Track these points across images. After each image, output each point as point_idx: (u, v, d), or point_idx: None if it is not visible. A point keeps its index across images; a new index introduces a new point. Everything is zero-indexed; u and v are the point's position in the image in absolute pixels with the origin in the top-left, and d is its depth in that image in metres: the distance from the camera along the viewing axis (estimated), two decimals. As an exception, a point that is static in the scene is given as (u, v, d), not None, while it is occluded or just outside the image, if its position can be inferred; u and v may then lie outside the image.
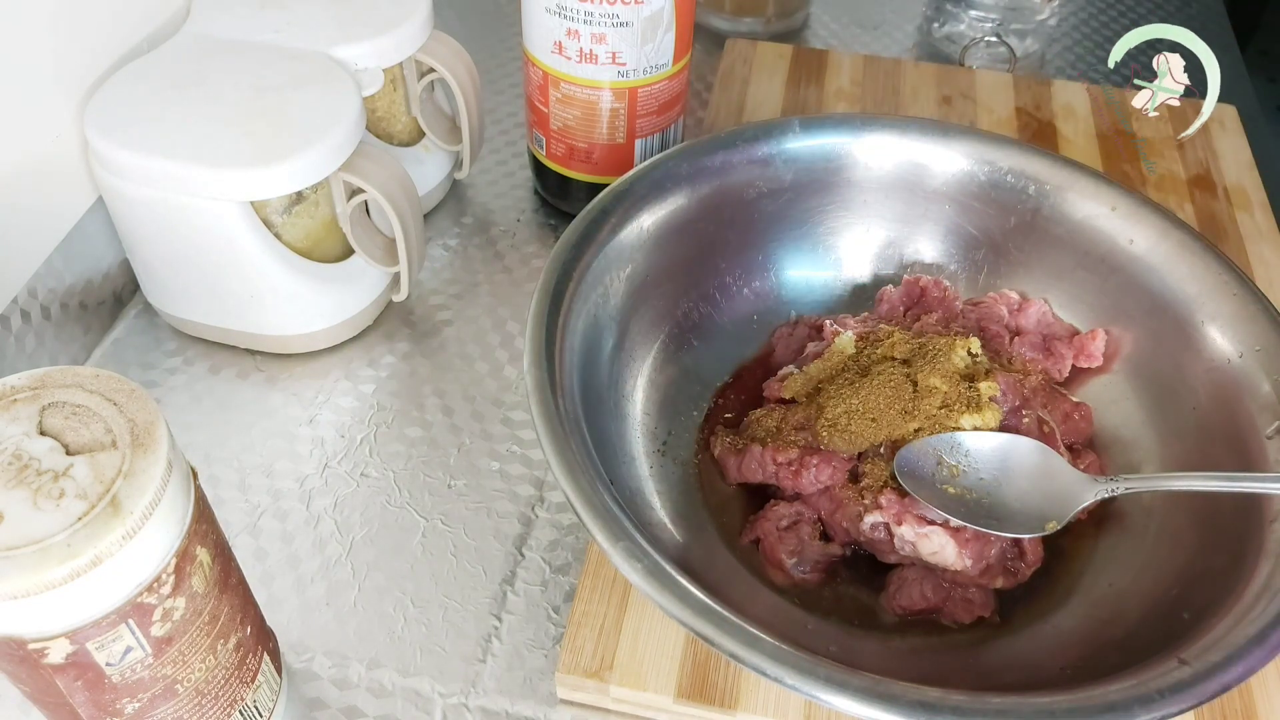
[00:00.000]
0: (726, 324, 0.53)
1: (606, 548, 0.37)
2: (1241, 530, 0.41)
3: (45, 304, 0.51)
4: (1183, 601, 0.41)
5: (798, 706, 0.41)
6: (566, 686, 0.42)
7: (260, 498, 0.49)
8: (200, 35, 0.53)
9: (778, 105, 0.70)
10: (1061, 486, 0.44)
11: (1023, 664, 0.42)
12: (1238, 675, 0.35)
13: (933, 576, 0.44)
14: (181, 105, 0.49)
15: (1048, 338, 0.51)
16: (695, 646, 0.42)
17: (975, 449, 0.44)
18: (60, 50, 0.50)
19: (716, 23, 0.80)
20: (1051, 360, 0.50)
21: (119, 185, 0.49)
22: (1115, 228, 0.50)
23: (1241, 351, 0.46)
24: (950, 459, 0.44)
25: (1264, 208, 0.64)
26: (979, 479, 0.44)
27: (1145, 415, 0.49)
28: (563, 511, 0.49)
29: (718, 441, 0.49)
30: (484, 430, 0.53)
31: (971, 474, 0.44)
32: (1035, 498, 0.44)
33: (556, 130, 0.59)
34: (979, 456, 0.44)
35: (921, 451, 0.44)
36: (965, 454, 0.44)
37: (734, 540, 0.46)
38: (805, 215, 0.54)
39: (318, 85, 0.50)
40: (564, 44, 0.54)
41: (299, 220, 0.52)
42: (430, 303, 0.59)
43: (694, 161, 0.51)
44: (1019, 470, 0.44)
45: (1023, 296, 0.53)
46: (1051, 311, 0.52)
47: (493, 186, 0.66)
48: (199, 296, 0.53)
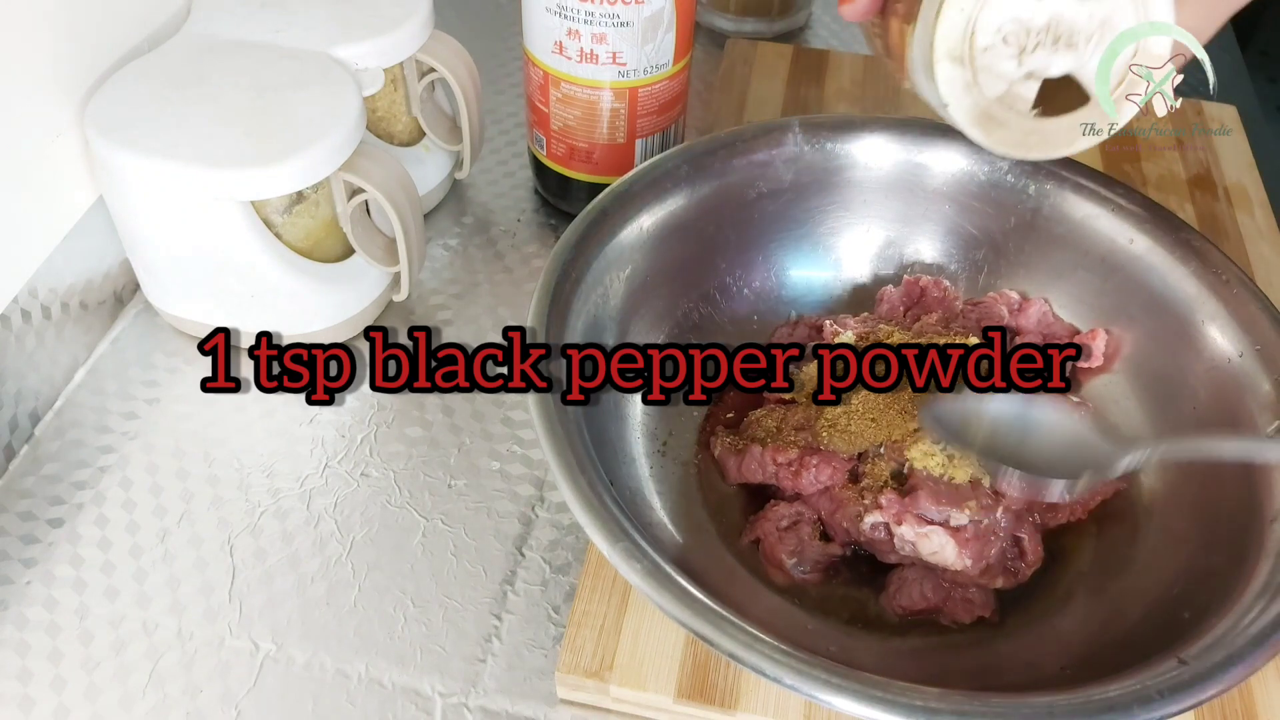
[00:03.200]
0: (726, 324, 0.53)
1: (605, 548, 0.37)
2: (1241, 530, 0.41)
3: (45, 303, 0.51)
4: (1183, 601, 0.41)
5: (798, 706, 0.41)
6: (566, 686, 0.42)
7: (260, 497, 0.49)
8: (200, 35, 0.53)
9: (778, 105, 0.70)
10: (1091, 454, 0.44)
11: (1023, 664, 0.42)
12: (1238, 675, 0.35)
13: (933, 576, 0.44)
14: (181, 105, 0.49)
15: (1048, 337, 0.51)
16: (695, 646, 0.42)
17: (1002, 412, 0.45)
18: (60, 50, 0.50)
19: (720, 23, 0.80)
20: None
21: (119, 185, 0.49)
22: (1115, 228, 0.50)
23: (1241, 351, 0.46)
24: (978, 424, 0.44)
25: (1264, 208, 0.64)
26: (1006, 441, 0.44)
27: (1145, 415, 0.49)
28: (563, 511, 0.49)
29: (718, 442, 0.49)
30: (484, 430, 0.53)
31: (999, 436, 0.44)
32: (1064, 462, 0.44)
33: (557, 130, 0.59)
34: (1007, 420, 0.44)
35: (951, 410, 0.44)
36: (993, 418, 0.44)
37: (734, 540, 0.46)
38: (805, 215, 0.54)
39: (318, 85, 0.50)
40: (564, 44, 0.54)
41: (299, 220, 0.52)
42: (431, 302, 0.59)
43: (694, 161, 0.51)
44: (1048, 436, 0.44)
45: (1023, 296, 0.53)
46: (1051, 311, 0.52)
47: (493, 186, 0.66)
48: (200, 296, 0.53)
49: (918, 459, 0.44)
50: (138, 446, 0.51)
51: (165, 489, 0.49)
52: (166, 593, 0.45)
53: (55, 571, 0.46)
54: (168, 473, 0.50)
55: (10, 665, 0.43)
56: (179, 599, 0.45)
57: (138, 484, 0.49)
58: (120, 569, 0.46)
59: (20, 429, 0.50)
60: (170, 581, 0.46)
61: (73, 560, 0.46)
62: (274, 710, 0.42)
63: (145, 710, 0.42)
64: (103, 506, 0.48)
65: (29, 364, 0.51)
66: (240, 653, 0.44)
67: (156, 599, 0.45)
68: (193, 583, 0.46)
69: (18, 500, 0.48)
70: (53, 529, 0.47)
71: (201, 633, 0.44)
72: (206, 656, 0.44)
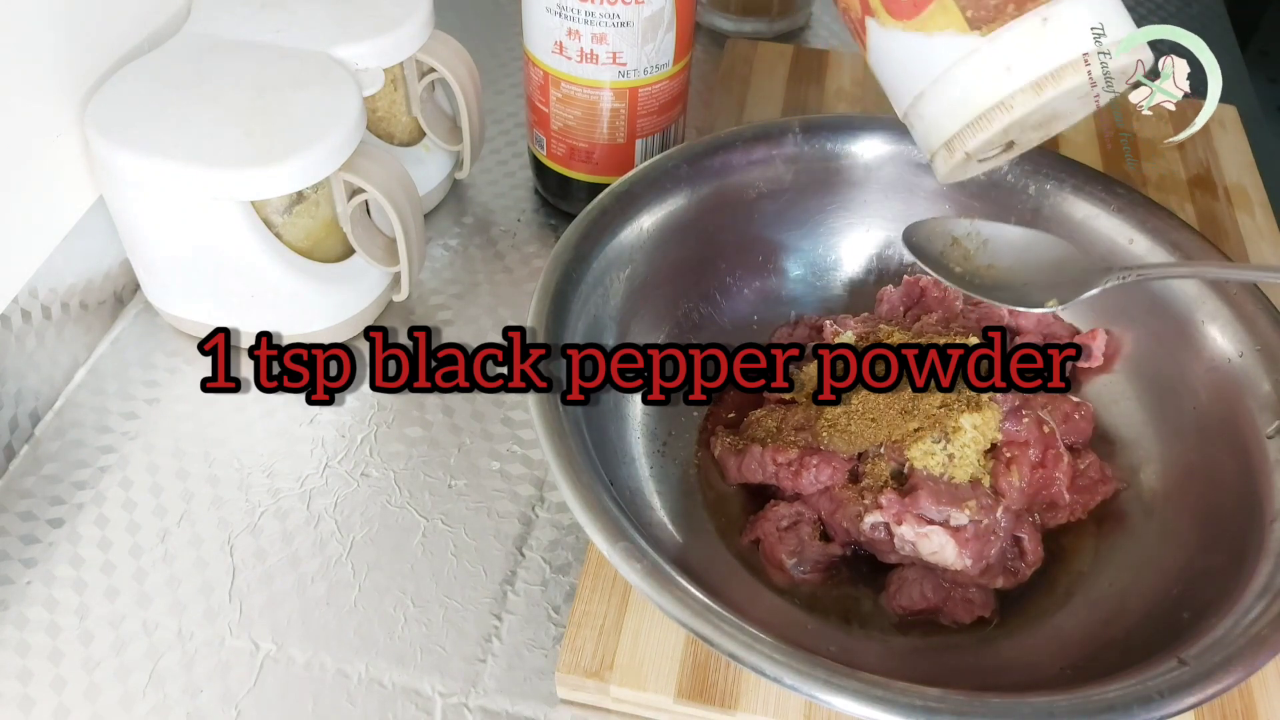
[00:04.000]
0: (726, 324, 0.53)
1: (605, 548, 0.37)
2: (1242, 530, 0.41)
3: (46, 303, 0.51)
4: (1183, 601, 0.41)
5: (798, 706, 0.41)
6: (566, 686, 0.42)
7: (261, 497, 0.49)
8: (200, 35, 0.53)
9: (778, 105, 0.70)
10: (1072, 275, 0.44)
11: (1023, 664, 0.42)
12: (1238, 675, 0.35)
13: (933, 576, 0.44)
14: (181, 105, 0.49)
15: (1048, 337, 0.51)
16: (695, 646, 0.42)
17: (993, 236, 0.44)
18: (60, 50, 0.50)
19: (720, 23, 0.80)
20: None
21: (119, 185, 0.49)
22: (1115, 228, 0.50)
23: (1241, 351, 0.46)
24: (967, 243, 0.44)
25: (1264, 208, 0.64)
26: (989, 264, 0.44)
27: (1145, 415, 0.49)
28: (563, 511, 0.49)
29: (718, 442, 0.49)
30: (484, 430, 0.53)
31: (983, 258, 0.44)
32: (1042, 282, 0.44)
33: (557, 130, 0.59)
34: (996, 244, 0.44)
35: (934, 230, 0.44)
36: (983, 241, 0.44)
37: (734, 540, 0.46)
38: (805, 215, 0.54)
39: (318, 85, 0.50)
40: (565, 44, 0.54)
41: (299, 220, 0.52)
42: (431, 302, 0.59)
43: (694, 161, 0.51)
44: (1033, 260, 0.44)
45: (1023, 296, 0.53)
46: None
47: (493, 186, 0.66)
48: (200, 296, 0.53)
49: (918, 459, 0.44)
50: (138, 446, 0.51)
51: (165, 489, 0.49)
52: (167, 593, 0.45)
53: (55, 571, 0.46)
54: (168, 473, 0.50)
55: (10, 665, 0.43)
56: (179, 599, 0.45)
57: (138, 484, 0.49)
58: (120, 569, 0.46)
59: (20, 429, 0.50)
60: (170, 581, 0.46)
61: (73, 560, 0.46)
62: (274, 710, 0.42)
63: (145, 710, 0.42)
64: (103, 506, 0.48)
65: (29, 364, 0.51)
66: (240, 652, 0.44)
67: (157, 599, 0.45)
68: (193, 583, 0.46)
69: (18, 500, 0.48)
70: (53, 529, 0.47)
71: (201, 633, 0.44)
72: (206, 656, 0.44)
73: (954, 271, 0.43)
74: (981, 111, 0.40)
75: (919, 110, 0.42)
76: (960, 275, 0.43)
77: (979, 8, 0.39)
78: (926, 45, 0.40)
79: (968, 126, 0.40)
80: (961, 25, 0.40)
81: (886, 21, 0.42)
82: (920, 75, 0.41)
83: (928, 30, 0.40)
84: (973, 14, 0.39)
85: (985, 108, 0.40)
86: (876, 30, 0.42)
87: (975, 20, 0.39)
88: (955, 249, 0.43)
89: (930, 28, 0.40)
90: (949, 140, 0.41)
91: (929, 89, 0.41)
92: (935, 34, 0.40)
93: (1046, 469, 0.45)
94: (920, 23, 0.40)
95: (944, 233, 0.44)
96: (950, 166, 0.42)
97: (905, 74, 0.42)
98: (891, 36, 0.42)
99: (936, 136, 0.42)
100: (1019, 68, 0.39)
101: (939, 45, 0.40)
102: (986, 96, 0.40)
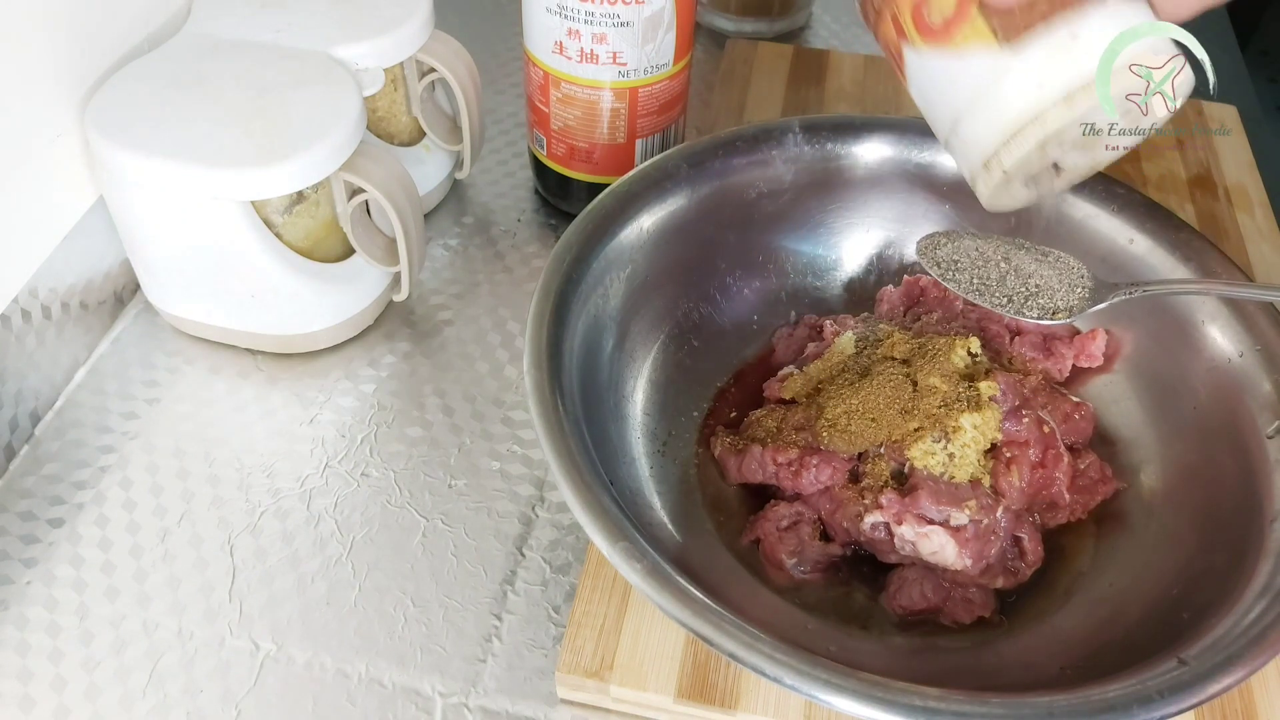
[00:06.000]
0: (726, 324, 0.53)
1: (605, 548, 0.37)
2: (1241, 530, 0.41)
3: (46, 303, 0.51)
4: (1183, 601, 0.41)
5: (798, 706, 0.41)
6: (567, 686, 0.42)
7: (261, 497, 0.49)
8: (200, 35, 0.53)
9: (778, 105, 0.70)
10: (1080, 294, 0.46)
11: (1023, 664, 0.42)
12: (1238, 675, 0.35)
13: (933, 576, 0.44)
14: (182, 105, 0.49)
15: (1048, 337, 0.51)
16: (695, 646, 0.42)
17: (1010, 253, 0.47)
18: (60, 50, 0.50)
19: (720, 23, 0.80)
20: (1051, 360, 0.50)
21: (119, 185, 0.49)
22: (1115, 228, 0.50)
23: (1242, 351, 0.46)
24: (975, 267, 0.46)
25: (1264, 208, 0.64)
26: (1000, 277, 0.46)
27: (1146, 415, 0.49)
28: (563, 511, 0.49)
29: (718, 442, 0.49)
30: (484, 430, 0.53)
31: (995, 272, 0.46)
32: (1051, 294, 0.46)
33: (557, 130, 0.59)
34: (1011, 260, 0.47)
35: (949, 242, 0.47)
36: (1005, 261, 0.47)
37: (734, 540, 0.46)
38: (805, 215, 0.54)
39: (318, 85, 0.50)
40: (565, 44, 0.54)
41: (299, 220, 0.52)
42: (431, 302, 0.59)
43: (694, 161, 0.51)
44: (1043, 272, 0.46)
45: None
46: (1052, 311, 0.52)
47: (493, 186, 0.66)
48: (200, 296, 0.53)
49: (918, 459, 0.44)
50: (138, 446, 0.51)
51: (165, 489, 0.49)
52: (167, 593, 0.45)
53: (55, 571, 0.46)
54: (168, 473, 0.50)
55: (10, 665, 0.43)
56: (179, 599, 0.45)
57: (138, 484, 0.49)
58: (120, 569, 0.46)
59: (20, 429, 0.50)
60: (170, 581, 0.46)
61: (73, 560, 0.46)
62: (274, 710, 0.42)
63: (145, 710, 0.42)
64: (103, 506, 0.48)
65: (29, 364, 0.51)
66: (240, 652, 0.44)
67: (157, 599, 0.45)
68: (193, 583, 0.46)
69: (18, 500, 0.48)
70: (53, 529, 0.47)
71: (202, 633, 0.44)
72: (207, 656, 0.44)
73: (963, 281, 0.44)
74: (1015, 127, 0.40)
75: (959, 134, 0.43)
76: (969, 284, 0.44)
77: (1007, 22, 0.39)
78: (959, 68, 0.41)
79: (1003, 144, 0.41)
80: (990, 41, 0.40)
81: (918, 45, 0.42)
82: (956, 98, 0.42)
83: (959, 49, 0.41)
84: (1001, 29, 0.40)
85: (1018, 123, 0.40)
86: (913, 58, 0.43)
87: (1004, 35, 0.40)
88: (968, 261, 0.44)
89: (960, 43, 0.41)
90: (986, 160, 0.42)
91: (965, 112, 0.42)
92: (967, 55, 0.41)
93: (1046, 469, 0.45)
94: (953, 42, 0.41)
95: (962, 246, 0.45)
96: (992, 188, 0.42)
97: (942, 99, 0.43)
98: (927, 62, 0.42)
99: (976, 157, 0.42)
100: (1050, 81, 0.39)
101: (971, 67, 0.41)
102: (1019, 111, 0.40)
